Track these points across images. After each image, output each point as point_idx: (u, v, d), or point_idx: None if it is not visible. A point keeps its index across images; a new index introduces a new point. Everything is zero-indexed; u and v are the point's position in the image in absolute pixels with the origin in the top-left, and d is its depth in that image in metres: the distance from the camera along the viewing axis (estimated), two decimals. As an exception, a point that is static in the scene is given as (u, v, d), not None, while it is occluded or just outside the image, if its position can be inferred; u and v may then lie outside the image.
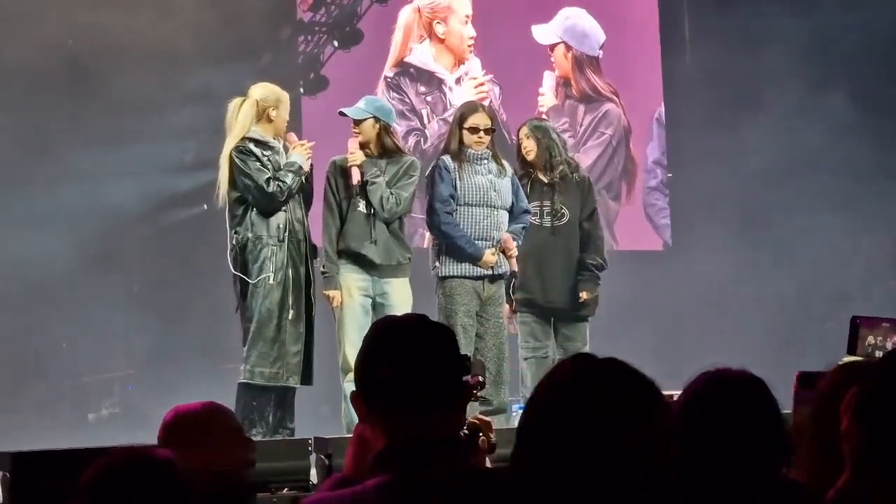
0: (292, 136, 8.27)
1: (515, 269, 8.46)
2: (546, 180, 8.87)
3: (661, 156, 14.95)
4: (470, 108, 8.63)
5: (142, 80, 11.92)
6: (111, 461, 3.07)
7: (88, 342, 11.84)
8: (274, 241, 8.00)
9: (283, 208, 8.04)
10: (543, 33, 14.90)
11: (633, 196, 14.81)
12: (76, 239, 11.78)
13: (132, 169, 12.29)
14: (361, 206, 8.26)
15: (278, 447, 7.32)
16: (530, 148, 8.88)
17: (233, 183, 8.08)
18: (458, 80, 14.36)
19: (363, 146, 8.28)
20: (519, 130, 9.05)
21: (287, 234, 8.03)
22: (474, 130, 8.43)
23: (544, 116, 13.52)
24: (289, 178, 7.99)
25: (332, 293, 8.21)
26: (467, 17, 14.47)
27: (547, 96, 14.74)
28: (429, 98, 14.14)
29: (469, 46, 14.43)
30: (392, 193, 8.23)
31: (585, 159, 14.31)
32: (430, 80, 14.22)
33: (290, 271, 8.01)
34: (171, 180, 12.82)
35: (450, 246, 8.35)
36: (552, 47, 14.87)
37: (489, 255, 8.31)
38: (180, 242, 12.22)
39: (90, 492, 3.02)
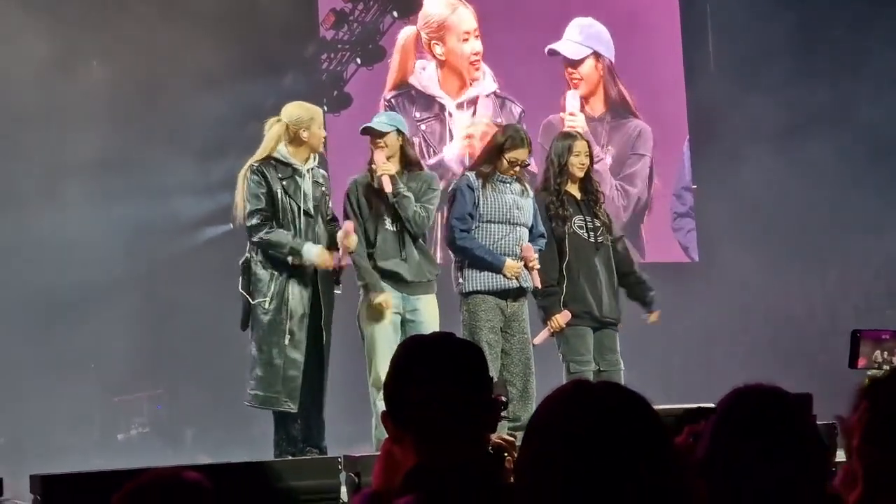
0: (349, 227, 8.17)
1: (539, 283, 8.43)
2: (579, 197, 8.86)
3: (689, 181, 14.82)
4: (517, 142, 8.51)
5: (167, 98, 11.96)
6: (140, 484, 3.08)
7: (118, 362, 11.87)
8: (274, 265, 7.97)
9: (291, 231, 7.98)
10: (571, 48, 14.70)
11: (655, 211, 14.69)
12: (106, 259, 11.82)
13: (160, 188, 12.33)
14: (388, 224, 8.24)
15: (308, 465, 7.33)
16: (587, 165, 8.84)
17: None
18: (459, 106, 14.21)
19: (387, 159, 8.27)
20: (574, 143, 8.94)
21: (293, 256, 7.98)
22: (513, 163, 8.43)
23: None
24: (272, 237, 7.93)
25: (382, 298, 8.13)
26: (467, 32, 14.25)
27: (578, 117, 14.42)
28: (424, 126, 14.02)
29: (473, 64, 14.31)
30: (422, 207, 8.23)
31: (630, 180, 14.28)
32: (430, 104, 14.15)
33: (292, 296, 7.96)
34: (198, 199, 12.86)
35: (470, 259, 8.34)
36: (576, 64, 14.72)
37: (510, 262, 8.29)
38: (208, 261, 12.25)
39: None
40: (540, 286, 8.44)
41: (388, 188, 8.11)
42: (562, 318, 8.55)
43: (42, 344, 11.49)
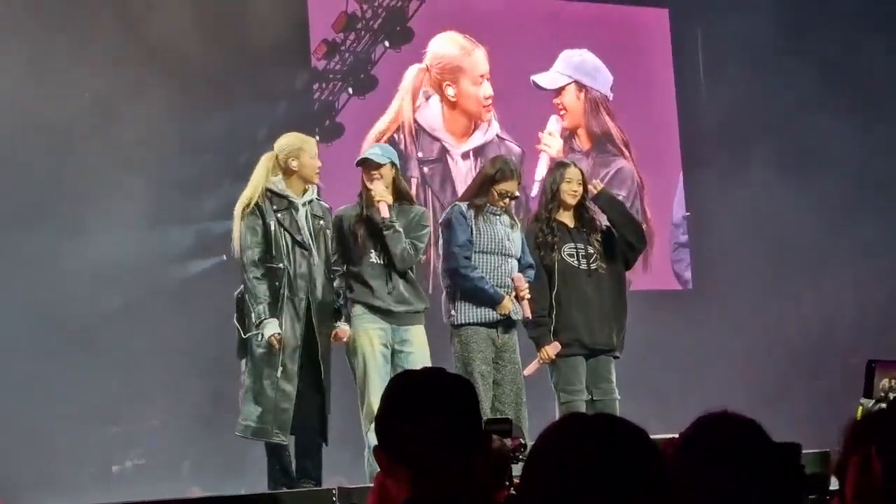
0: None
1: (529, 314, 8.43)
2: (572, 224, 8.84)
3: (682, 205, 14.80)
4: (507, 174, 8.54)
5: (159, 128, 11.97)
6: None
7: (113, 393, 11.84)
8: (266, 298, 7.94)
9: (283, 265, 7.96)
10: (549, 78, 14.64)
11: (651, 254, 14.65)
12: (100, 289, 11.81)
13: (152, 218, 12.32)
14: (374, 256, 8.22)
15: (303, 498, 7.31)
16: (580, 193, 8.83)
17: None
18: (465, 155, 14.16)
19: None
20: (566, 170, 8.94)
21: (287, 290, 7.96)
22: (503, 195, 8.45)
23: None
24: (252, 289, 7.90)
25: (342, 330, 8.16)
26: (482, 76, 14.31)
27: (556, 140, 14.42)
28: (427, 169, 14.01)
29: (486, 107, 14.31)
30: (411, 244, 8.22)
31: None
32: (433, 145, 14.17)
33: (285, 329, 7.93)
34: (190, 230, 12.85)
35: (468, 290, 8.32)
36: (559, 92, 14.71)
37: (507, 302, 8.29)
38: (201, 292, 12.23)
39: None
40: (531, 316, 8.43)
41: (384, 214, 8.10)
42: (551, 349, 8.53)
43: (36, 375, 11.47)
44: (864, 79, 13.73)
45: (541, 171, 13.69)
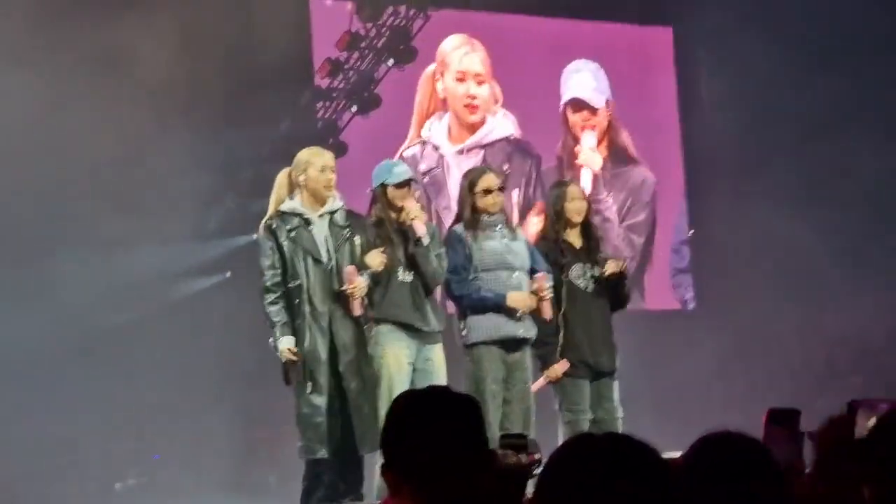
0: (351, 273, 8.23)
1: (549, 315, 8.43)
2: (578, 245, 8.85)
3: (686, 232, 14.74)
4: (478, 172, 8.68)
5: (163, 146, 11.99)
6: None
7: (118, 409, 11.85)
8: (291, 315, 8.01)
9: (301, 282, 8.02)
10: (593, 96, 14.52)
11: (656, 260, 14.62)
12: (105, 306, 11.82)
13: (157, 236, 12.34)
14: (402, 275, 8.23)
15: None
16: (583, 210, 8.85)
17: None
18: (459, 152, 14.14)
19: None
20: (566, 189, 8.98)
21: (308, 307, 8.02)
22: (487, 192, 8.45)
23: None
24: (268, 310, 8.01)
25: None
26: (462, 73, 14.24)
27: (596, 155, 14.35)
28: (427, 178, 13.98)
29: (467, 107, 14.28)
30: (438, 262, 8.26)
31: (635, 229, 14.25)
32: (432, 155, 14.16)
33: (310, 344, 7.98)
34: (195, 247, 12.87)
35: (473, 304, 8.33)
36: (594, 110, 14.66)
37: (514, 294, 8.28)
38: (206, 309, 12.25)
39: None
40: (549, 316, 8.42)
41: (420, 233, 8.14)
42: (560, 367, 8.54)
43: (38, 391, 11.48)
44: (875, 101, 13.75)
45: (586, 186, 13.61)
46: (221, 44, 12.48)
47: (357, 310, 8.02)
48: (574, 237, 8.85)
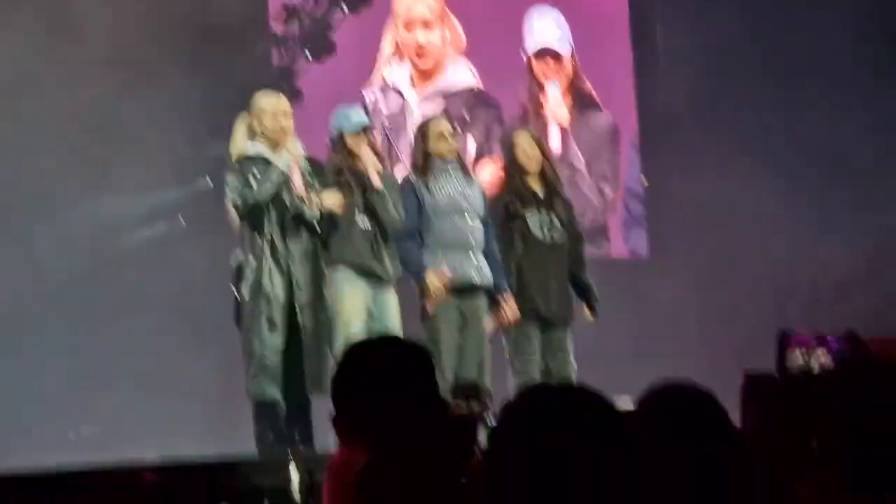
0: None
1: (490, 328, 8.55)
2: (540, 193, 8.85)
3: (639, 180, 14.65)
4: (431, 120, 8.74)
5: (117, 94, 11.89)
6: (98, 487, 3.08)
7: (71, 358, 11.79)
8: (251, 253, 8.03)
9: (266, 222, 8.03)
10: (559, 44, 14.26)
11: (614, 204, 14.55)
12: (59, 256, 11.75)
13: (110, 184, 12.25)
14: (361, 221, 8.24)
15: (259, 464, 7.31)
16: (534, 156, 8.84)
17: None
18: (420, 98, 13.87)
19: None
20: (516, 136, 9.00)
21: (268, 244, 8.03)
22: (440, 137, 8.45)
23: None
24: (264, 188, 7.99)
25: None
26: (408, 20, 13.95)
27: (563, 108, 14.09)
28: (388, 122, 13.79)
29: (419, 55, 13.94)
30: (394, 208, 8.27)
31: (604, 177, 14.16)
32: (394, 99, 14.00)
33: (267, 283, 8.00)
34: (149, 195, 12.77)
35: (402, 259, 8.36)
36: (558, 57, 14.41)
37: (431, 274, 8.28)
38: (158, 258, 12.18)
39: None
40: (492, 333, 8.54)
41: (377, 183, 8.15)
42: (510, 311, 8.55)
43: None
44: (829, 54, 13.77)
45: (554, 141, 13.54)
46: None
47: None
48: (534, 184, 8.85)
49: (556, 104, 14.04)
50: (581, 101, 14.38)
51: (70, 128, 11.81)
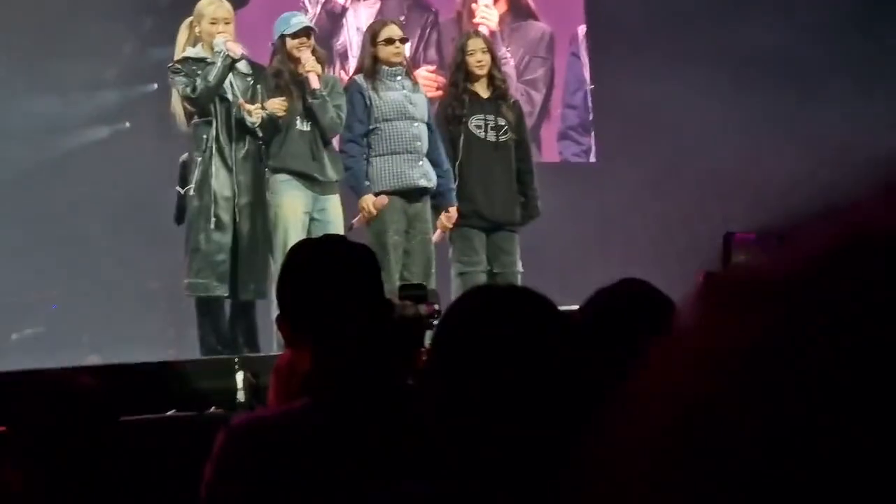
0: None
1: (438, 239, 8.57)
2: (486, 96, 8.84)
3: (582, 74, 14.55)
4: (380, 23, 8.74)
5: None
6: (30, 390, 3.05)
7: (12, 260, 11.71)
8: (199, 153, 8.03)
9: (212, 119, 8.02)
10: None
11: (553, 116, 14.44)
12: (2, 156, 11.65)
13: (54, 84, 12.13)
14: (300, 124, 8.22)
15: (203, 366, 7.31)
16: (485, 62, 8.81)
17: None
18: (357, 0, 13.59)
19: None
20: (467, 42, 8.95)
21: (215, 143, 8.02)
22: (389, 42, 8.44)
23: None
24: (212, 73, 7.95)
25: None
26: None
27: (493, 11, 13.86)
28: (325, 23, 13.45)
29: None
30: (336, 112, 8.24)
31: (534, 85, 14.07)
32: (332, 2, 13.68)
33: (214, 181, 8.00)
34: (92, 95, 12.64)
35: (346, 171, 8.36)
36: None
37: (367, 198, 8.27)
38: (102, 160, 12.08)
39: (17, 424, 3.00)
40: (437, 240, 8.54)
41: (315, 85, 8.12)
42: (447, 217, 8.56)
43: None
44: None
45: None
46: None
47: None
48: (480, 88, 8.85)
49: (485, 8, 13.93)
50: (516, 9, 14.26)
51: (13, 27, 11.66)
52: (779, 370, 0.67)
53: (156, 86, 11.62)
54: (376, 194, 8.29)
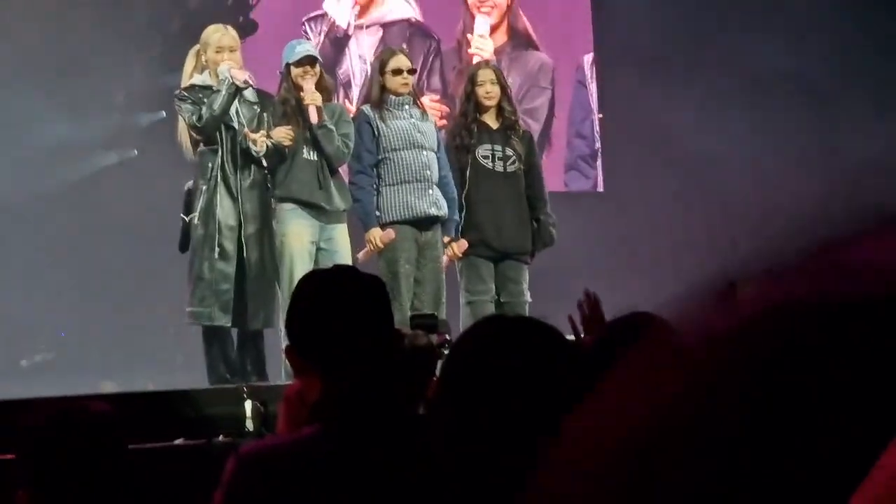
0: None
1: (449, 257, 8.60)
2: (495, 126, 8.87)
3: (589, 103, 14.53)
4: (388, 52, 8.75)
5: (72, 20, 11.78)
6: (45, 417, 3.06)
7: (18, 289, 11.73)
8: (204, 181, 8.05)
9: (217, 148, 8.05)
10: None
11: (555, 146, 14.40)
12: (9, 180, 11.66)
13: (64, 110, 12.15)
14: (306, 153, 8.24)
15: (212, 394, 7.32)
16: (493, 93, 8.83)
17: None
18: (359, 27, 13.52)
19: None
20: (477, 72, 8.98)
21: (220, 171, 8.04)
22: (397, 73, 8.46)
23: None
24: (217, 101, 7.97)
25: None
26: None
27: (487, 42, 13.82)
28: (329, 51, 13.50)
29: None
30: (342, 142, 8.26)
31: (533, 115, 14.06)
32: (334, 28, 13.69)
33: (218, 210, 8.01)
34: (102, 122, 12.66)
35: (354, 200, 8.38)
36: None
37: (374, 232, 8.29)
38: (110, 188, 12.10)
39: (26, 447, 3.01)
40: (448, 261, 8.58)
41: (314, 119, 8.13)
42: (457, 246, 8.59)
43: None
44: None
45: None
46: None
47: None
48: (489, 119, 8.87)
49: (479, 38, 13.93)
50: (516, 39, 14.27)
51: (29, 57, 11.72)
52: (694, 425, 0.69)
53: (163, 113, 11.66)
54: (384, 227, 8.31)
